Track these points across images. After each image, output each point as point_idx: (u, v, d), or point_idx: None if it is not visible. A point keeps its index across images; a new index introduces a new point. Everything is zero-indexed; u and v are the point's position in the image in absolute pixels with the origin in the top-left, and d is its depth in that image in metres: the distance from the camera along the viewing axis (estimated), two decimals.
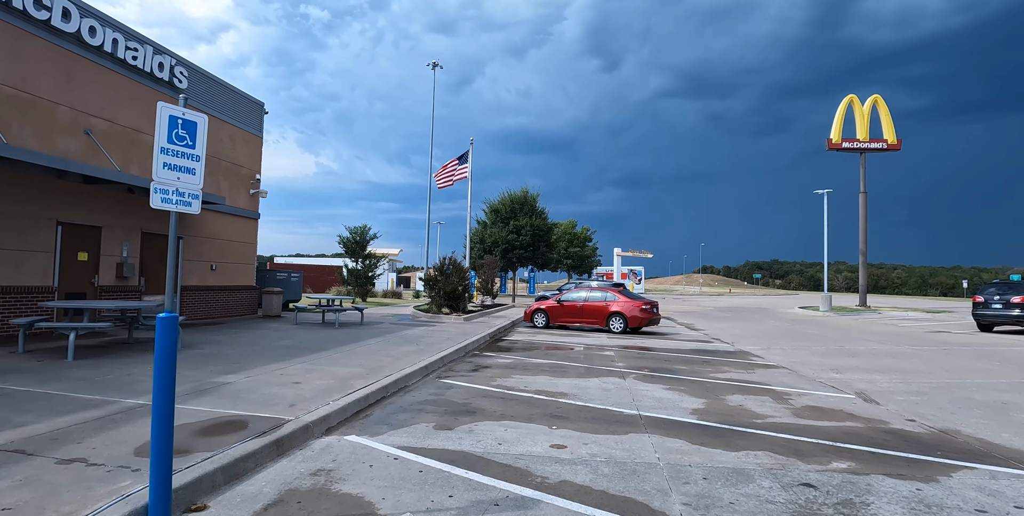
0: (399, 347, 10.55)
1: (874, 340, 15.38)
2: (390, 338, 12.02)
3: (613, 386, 7.87)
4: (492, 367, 9.40)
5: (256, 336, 11.62)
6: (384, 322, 16.20)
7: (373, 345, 10.70)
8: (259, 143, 17.46)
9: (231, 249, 16.09)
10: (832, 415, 6.46)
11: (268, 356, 8.77)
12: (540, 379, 8.30)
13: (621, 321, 16.26)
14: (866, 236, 33.53)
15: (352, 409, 5.81)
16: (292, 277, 19.68)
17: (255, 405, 5.51)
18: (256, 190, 17.05)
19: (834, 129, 34.43)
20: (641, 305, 16.33)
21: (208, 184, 14.98)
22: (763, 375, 9.24)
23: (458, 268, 19.68)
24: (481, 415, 5.96)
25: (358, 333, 12.79)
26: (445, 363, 9.56)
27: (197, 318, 14.61)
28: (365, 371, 7.71)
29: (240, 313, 16.35)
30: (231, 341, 10.63)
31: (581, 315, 17.05)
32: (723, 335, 16.44)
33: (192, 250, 14.58)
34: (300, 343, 10.64)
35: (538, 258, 32.01)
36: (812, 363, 10.75)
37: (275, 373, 7.31)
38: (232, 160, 16.09)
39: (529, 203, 32.01)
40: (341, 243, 25.36)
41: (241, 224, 16.51)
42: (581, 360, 10.50)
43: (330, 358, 8.80)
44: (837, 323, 22.36)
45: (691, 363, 10.47)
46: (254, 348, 9.70)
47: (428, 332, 13.68)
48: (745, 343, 14.28)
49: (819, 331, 18.29)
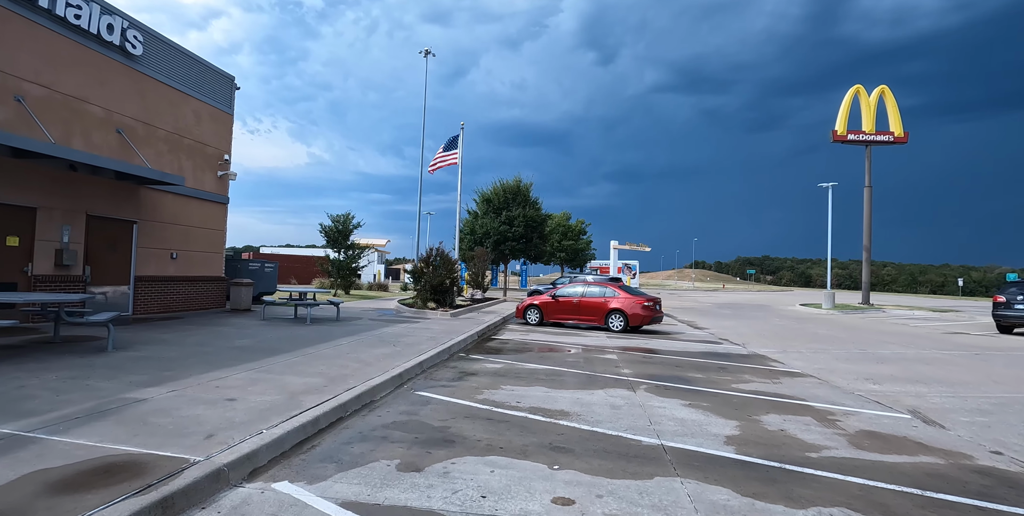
0: (373, 349, 9.20)
1: (894, 342, 14.22)
2: (365, 337, 10.66)
3: (623, 401, 6.59)
4: (479, 374, 8.08)
5: (211, 334, 10.23)
6: (363, 318, 14.83)
7: (343, 346, 9.34)
8: (229, 121, 15.95)
9: (196, 236, 14.63)
10: (898, 445, 5.20)
11: (213, 360, 7.40)
12: (535, 391, 7.00)
13: (621, 319, 15.00)
14: (870, 232, 32.46)
15: (292, 439, 4.47)
16: (266, 267, 18.23)
17: (161, 436, 4.16)
18: (225, 172, 15.55)
19: (839, 121, 33.24)
20: (643, 302, 15.07)
21: (167, 163, 13.51)
22: (792, 386, 7.99)
23: (446, 260, 18.33)
24: (462, 446, 4.64)
25: (330, 331, 11.42)
26: (424, 369, 8.24)
27: (153, 312, 13.17)
28: (324, 382, 6.37)
29: (205, 306, 14.92)
30: (179, 340, 9.23)
31: (577, 312, 15.77)
32: (730, 335, 15.23)
33: (149, 236, 13.11)
34: (258, 343, 9.27)
35: (531, 250, 30.66)
36: (840, 371, 9.53)
37: (210, 385, 5.94)
38: (197, 138, 14.59)
39: (522, 193, 30.59)
40: (322, 232, 23.85)
41: (207, 209, 15.04)
42: (581, 365, 9.21)
43: (287, 364, 7.44)
44: (845, 322, 21.24)
45: (706, 370, 9.21)
46: (201, 350, 8.32)
47: (409, 330, 12.34)
48: (757, 345, 13.07)
49: (830, 331, 17.13)
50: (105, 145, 11.82)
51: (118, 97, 12.17)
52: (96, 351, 7.76)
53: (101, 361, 7.02)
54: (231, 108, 16.00)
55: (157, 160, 13.20)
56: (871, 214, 32.48)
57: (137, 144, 12.59)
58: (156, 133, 13.23)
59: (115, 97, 12.10)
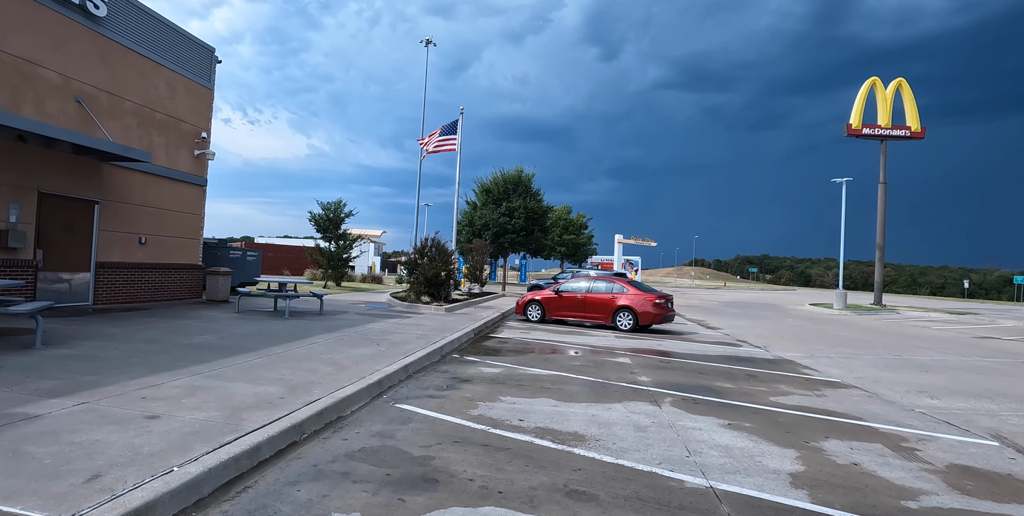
0: (353, 348, 8.01)
1: (927, 347, 13.07)
2: (346, 334, 9.47)
3: (648, 419, 5.41)
4: (474, 381, 6.90)
5: (170, 328, 9.03)
6: (349, 312, 13.63)
7: (319, 345, 8.15)
8: (208, 96, 14.68)
9: (169, 220, 13.39)
10: (1007, 487, 4.04)
11: (156, 361, 6.21)
12: (541, 404, 5.82)
13: (630, 317, 13.82)
14: (884, 231, 31.27)
15: (216, 480, 3.28)
16: (248, 256, 17.00)
17: (23, 476, 2.97)
18: (203, 151, 14.31)
19: (854, 114, 31.97)
20: (654, 299, 13.89)
21: (135, 139, 12.27)
22: (839, 400, 6.82)
23: (442, 251, 17.12)
24: (447, 490, 3.46)
25: (308, 326, 10.23)
26: (410, 374, 7.05)
27: (118, 301, 11.97)
28: (282, 391, 5.18)
29: (179, 296, 13.71)
30: (128, 335, 8.03)
31: (583, 309, 14.59)
32: (747, 336, 14.07)
33: (114, 218, 11.88)
34: (221, 340, 8.07)
35: (532, 244, 29.41)
36: (885, 380, 8.36)
37: (135, 395, 4.75)
38: (170, 113, 13.33)
39: (524, 184, 29.30)
40: (312, 220, 22.58)
41: (182, 190, 13.80)
42: (591, 370, 8.04)
43: (244, 367, 6.25)
44: (864, 324, 20.08)
45: (734, 378, 8.04)
46: (149, 348, 7.12)
47: (398, 326, 11.15)
48: (780, 348, 11.90)
49: (852, 333, 15.98)
50: (61, 115, 10.58)
51: (78, 62, 10.92)
52: (19, 348, 6.56)
53: (16, 361, 5.81)
54: (211, 82, 14.74)
55: (124, 135, 11.96)
56: (885, 212, 31.29)
57: (100, 116, 11.34)
58: (123, 105, 11.98)
59: (74, 62, 10.84)
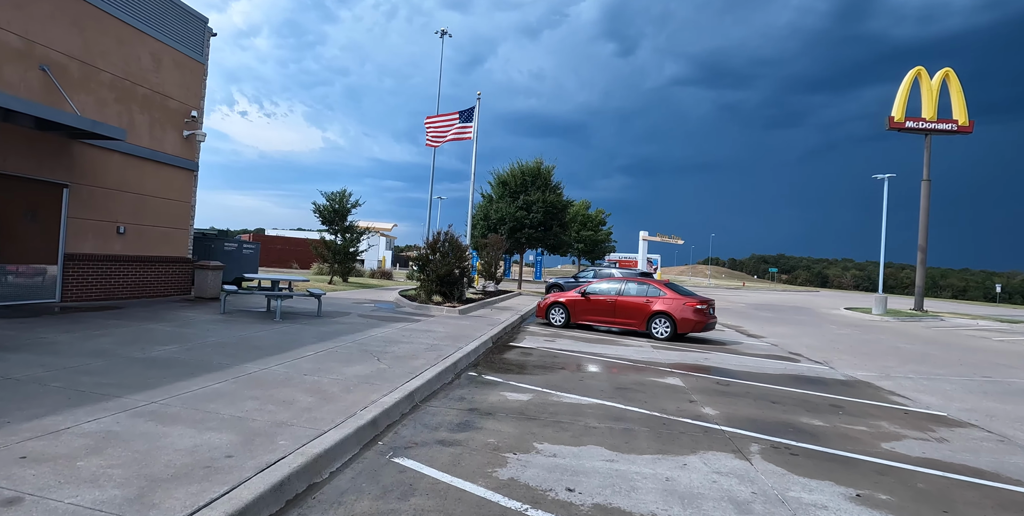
0: (347, 365, 6.53)
1: (1011, 365, 11.35)
2: (342, 344, 7.99)
3: (744, 486, 3.86)
4: (497, 415, 5.38)
5: (130, 335, 7.59)
6: (351, 313, 12.18)
7: (306, 360, 6.68)
8: (200, 71, 13.25)
9: (152, 207, 12.01)
10: None
11: (82, 388, 4.76)
12: (592, 457, 4.29)
13: (667, 324, 12.24)
14: (926, 231, 29.27)
15: None
16: (245, 249, 15.61)
17: None
18: (192, 132, 12.89)
19: (896, 106, 29.92)
20: (695, 304, 12.29)
21: (112, 115, 10.86)
22: (968, 447, 5.21)
23: (456, 246, 15.61)
24: None
25: (299, 333, 8.76)
26: (416, 403, 5.55)
27: (91, 298, 10.61)
28: (235, 442, 3.69)
29: (163, 293, 12.35)
30: (72, 346, 6.60)
31: (612, 313, 13.02)
32: (798, 347, 12.44)
33: (86, 204, 10.51)
34: (185, 353, 6.61)
35: (550, 239, 27.80)
36: (999, 415, 6.74)
37: (10, 453, 3.27)
38: (155, 88, 11.91)
39: (543, 176, 27.65)
40: (316, 211, 21.17)
41: (168, 174, 12.41)
42: (640, 397, 6.49)
43: (197, 397, 4.78)
44: (915, 333, 18.30)
45: (817, 409, 6.46)
46: (87, 365, 5.68)
47: (405, 333, 9.67)
48: (844, 364, 10.28)
49: (911, 345, 14.27)
50: (21, 84, 9.18)
51: (44, 25, 9.51)
52: None
53: None
54: (203, 56, 13.31)
55: (99, 111, 10.56)
56: (928, 211, 29.26)
57: (69, 87, 9.94)
58: (98, 76, 10.58)
59: (40, 24, 9.44)
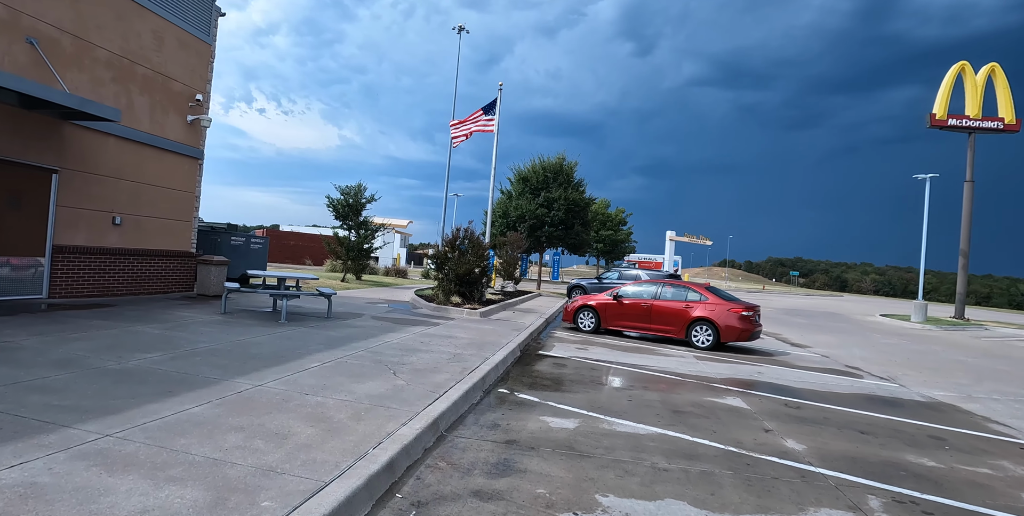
0: (358, 380, 5.52)
1: None
2: (354, 354, 6.99)
3: None
4: (540, 450, 4.32)
5: (111, 340, 6.65)
6: (364, 314, 11.20)
7: (309, 373, 5.68)
8: (207, 53, 12.36)
9: (152, 197, 11.13)
10: None
11: (28, 411, 3.79)
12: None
13: (710, 332, 11.12)
14: (969, 234, 27.72)
15: None
16: (253, 243, 14.71)
17: None
18: (197, 117, 12.00)
19: (938, 102, 28.36)
20: (740, 311, 11.15)
21: (109, 96, 9.99)
22: None
23: (476, 244, 14.60)
24: None
25: (305, 338, 7.78)
26: (441, 433, 4.52)
27: (82, 295, 9.74)
28: (202, 500, 2.67)
29: (163, 289, 11.47)
30: (38, 352, 5.67)
31: (648, 319, 11.92)
32: (850, 358, 11.26)
33: (78, 192, 9.64)
34: (168, 363, 5.64)
35: (571, 238, 26.68)
36: None
37: None
38: (157, 68, 11.02)
39: (565, 173, 26.54)
40: (329, 206, 20.25)
41: (171, 162, 11.52)
42: (706, 424, 5.41)
43: (166, 427, 3.79)
44: (967, 344, 16.94)
45: (918, 443, 5.34)
46: (46, 378, 4.72)
47: (424, 339, 8.66)
48: (911, 380, 9.10)
49: (972, 358, 12.98)
50: (6, 58, 8.31)
51: None
52: None
53: None
54: (210, 37, 12.41)
55: (94, 90, 9.68)
56: (971, 213, 27.72)
57: (60, 63, 9.07)
58: (94, 53, 9.70)
59: None
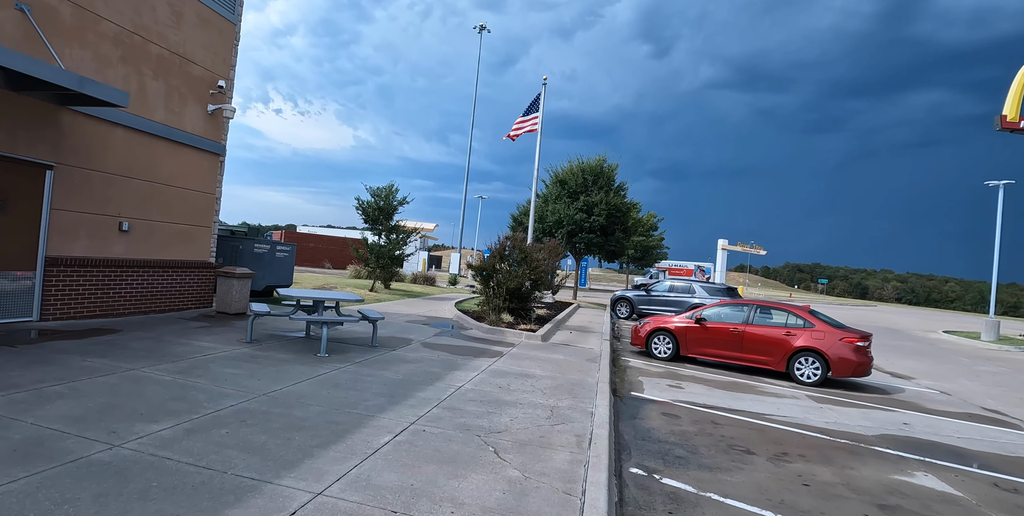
0: (455, 475, 3.82)
1: None
2: (427, 414, 5.29)
3: None
4: None
5: (106, 392, 5.00)
6: (411, 338, 9.53)
7: (383, 460, 3.98)
8: (231, 33, 10.78)
9: (166, 198, 9.56)
10: None
11: None
12: None
13: (818, 365, 9.33)
14: None
15: None
16: (279, 251, 13.10)
17: None
18: (218, 107, 10.42)
19: (1009, 104, 26.20)
20: (855, 341, 9.35)
21: (116, 77, 8.42)
22: None
23: (526, 254, 12.91)
24: None
25: (358, 383, 6.09)
26: None
27: (81, 316, 8.15)
28: None
29: (177, 306, 9.89)
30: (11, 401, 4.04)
31: (739, 347, 10.14)
32: (968, 394, 9.51)
33: (78, 192, 8.07)
34: (185, 438, 3.97)
35: (611, 245, 24.88)
36: None
37: None
38: (173, 48, 9.46)
39: (605, 175, 24.75)
40: (359, 209, 18.59)
41: (187, 158, 9.95)
42: None
43: None
44: None
45: None
46: None
47: (500, 382, 6.94)
48: None
49: None
50: None
51: None
52: None
53: None
54: (235, 15, 10.84)
55: (98, 70, 8.11)
56: None
57: (58, 37, 7.50)
58: (99, 27, 8.13)
59: None
